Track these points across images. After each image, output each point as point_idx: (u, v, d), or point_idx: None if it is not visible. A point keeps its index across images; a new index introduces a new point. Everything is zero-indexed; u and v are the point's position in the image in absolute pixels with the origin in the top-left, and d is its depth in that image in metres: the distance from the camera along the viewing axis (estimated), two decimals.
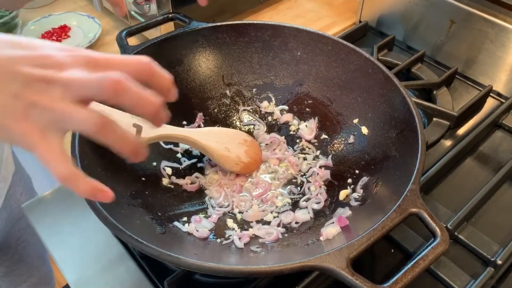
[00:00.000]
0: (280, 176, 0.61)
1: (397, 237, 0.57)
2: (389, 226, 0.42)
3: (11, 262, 0.99)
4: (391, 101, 0.57)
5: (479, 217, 0.60)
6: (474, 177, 0.66)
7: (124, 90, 0.31)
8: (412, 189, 0.45)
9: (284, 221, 0.55)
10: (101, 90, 0.31)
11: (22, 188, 0.94)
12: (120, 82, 0.31)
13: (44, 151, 0.32)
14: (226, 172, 0.61)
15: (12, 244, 0.96)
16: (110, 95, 0.31)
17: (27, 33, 0.91)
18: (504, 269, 0.55)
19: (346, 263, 0.39)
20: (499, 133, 0.72)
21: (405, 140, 0.53)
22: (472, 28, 0.77)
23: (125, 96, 0.32)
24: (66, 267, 0.56)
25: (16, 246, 0.98)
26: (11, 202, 0.90)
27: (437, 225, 0.41)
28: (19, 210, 0.93)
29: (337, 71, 0.64)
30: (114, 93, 0.31)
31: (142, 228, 0.48)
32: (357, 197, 0.55)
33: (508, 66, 0.76)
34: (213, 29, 0.66)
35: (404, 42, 0.89)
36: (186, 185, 0.59)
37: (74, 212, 0.61)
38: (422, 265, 0.39)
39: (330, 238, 0.48)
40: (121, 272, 0.55)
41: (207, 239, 0.52)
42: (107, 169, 0.52)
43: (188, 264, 0.39)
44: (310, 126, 0.65)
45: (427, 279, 0.54)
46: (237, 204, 0.58)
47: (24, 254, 1.01)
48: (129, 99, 0.32)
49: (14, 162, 0.91)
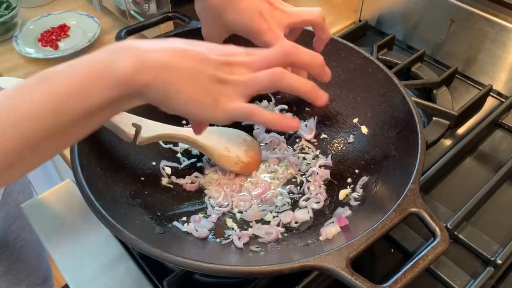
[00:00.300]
0: (279, 175, 0.61)
1: (397, 236, 0.57)
2: (388, 225, 0.42)
3: (9, 261, 0.99)
4: (391, 101, 0.57)
5: (479, 216, 0.60)
6: (474, 176, 0.66)
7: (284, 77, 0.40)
8: (412, 189, 0.44)
9: (283, 221, 0.55)
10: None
11: (20, 186, 0.94)
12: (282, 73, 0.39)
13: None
14: (226, 172, 0.61)
15: (10, 243, 0.96)
16: (277, 78, 0.39)
17: (26, 32, 0.90)
18: (504, 268, 0.55)
19: (346, 263, 0.39)
20: (499, 133, 0.72)
21: (405, 139, 0.53)
22: (472, 28, 0.77)
23: (284, 82, 0.40)
24: (65, 267, 0.56)
25: (14, 245, 0.98)
26: (8, 201, 0.90)
27: (437, 225, 0.41)
28: (17, 209, 0.93)
29: (336, 70, 0.63)
30: (279, 80, 0.39)
31: (141, 228, 0.48)
32: (356, 196, 0.54)
33: (508, 66, 0.76)
34: None
35: (404, 41, 0.89)
36: (186, 185, 0.59)
37: (73, 212, 0.61)
38: (422, 265, 0.39)
39: (329, 238, 0.48)
40: (121, 272, 0.55)
41: (206, 239, 0.52)
42: (106, 168, 0.52)
43: (187, 264, 0.39)
44: (309, 126, 0.65)
45: (427, 279, 0.54)
46: (237, 204, 0.58)
47: (22, 253, 1.01)
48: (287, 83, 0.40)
49: None
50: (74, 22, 0.94)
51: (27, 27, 0.92)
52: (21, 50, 0.86)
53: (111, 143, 0.55)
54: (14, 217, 0.94)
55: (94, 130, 0.38)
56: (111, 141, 0.55)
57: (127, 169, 0.55)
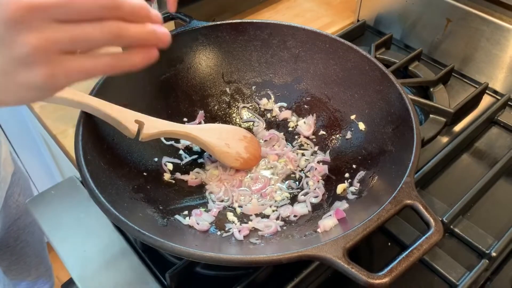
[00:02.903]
0: (279, 171, 0.62)
1: (394, 230, 0.58)
2: (384, 217, 0.43)
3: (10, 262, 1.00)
4: (388, 97, 0.58)
5: (474, 211, 0.61)
6: (470, 172, 0.67)
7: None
8: (407, 182, 0.46)
9: (282, 215, 0.56)
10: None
11: (20, 188, 0.95)
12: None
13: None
14: (226, 168, 0.62)
15: (10, 244, 0.97)
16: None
17: None
18: (498, 261, 0.56)
19: (343, 253, 0.40)
20: (494, 130, 0.74)
21: (401, 135, 0.54)
22: (468, 27, 0.79)
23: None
24: (69, 262, 0.57)
25: (14, 246, 0.98)
26: (9, 203, 0.91)
27: (431, 216, 0.42)
28: (17, 210, 0.94)
29: (334, 68, 0.65)
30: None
31: (144, 220, 0.49)
32: (354, 190, 0.56)
33: (504, 64, 0.77)
34: (213, 28, 0.67)
35: (401, 40, 0.91)
36: (190, 180, 0.60)
37: (77, 207, 0.62)
38: (417, 254, 0.40)
39: (327, 230, 0.49)
40: (124, 265, 0.56)
41: (207, 232, 0.53)
42: (109, 163, 0.53)
43: (189, 254, 0.41)
44: (308, 123, 0.67)
45: (423, 271, 0.55)
46: (237, 199, 0.59)
47: (22, 254, 1.01)
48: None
49: (13, 162, 0.92)
50: None
51: None
52: None
53: (114, 139, 0.56)
54: (14, 218, 0.94)
55: None
56: (114, 137, 0.56)
57: (130, 165, 0.57)
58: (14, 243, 0.98)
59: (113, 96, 0.55)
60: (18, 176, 0.93)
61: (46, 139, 1.05)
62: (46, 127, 0.76)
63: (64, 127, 0.75)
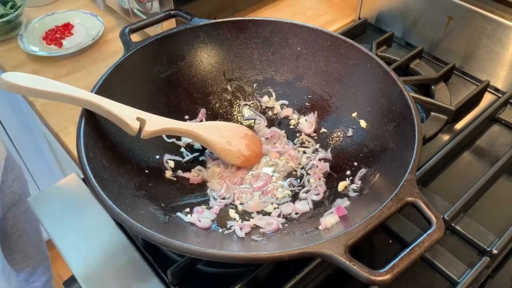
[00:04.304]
0: (280, 169, 0.63)
1: (395, 228, 0.58)
2: (385, 214, 0.43)
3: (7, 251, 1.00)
4: (389, 95, 0.58)
5: (476, 208, 0.62)
6: (471, 170, 0.67)
7: None
8: (409, 179, 0.46)
9: (284, 212, 0.56)
10: None
11: (14, 174, 0.95)
12: None
13: None
14: (228, 165, 0.62)
15: (8, 231, 0.97)
16: None
17: (31, 30, 0.92)
18: (500, 259, 0.56)
19: (344, 250, 0.40)
20: (496, 127, 0.74)
21: (402, 132, 0.54)
22: (469, 24, 0.78)
23: None
24: (71, 259, 0.57)
25: (11, 234, 0.98)
26: (3, 188, 0.91)
27: (433, 213, 0.42)
28: (13, 196, 0.94)
29: (336, 66, 0.65)
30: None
31: (146, 217, 0.49)
32: (355, 188, 0.56)
33: (505, 62, 0.77)
34: (214, 26, 0.67)
35: (402, 38, 0.91)
36: (192, 178, 0.60)
37: (79, 204, 0.62)
38: (418, 251, 0.40)
39: (328, 227, 0.49)
40: (125, 263, 0.56)
41: (209, 229, 0.53)
42: (111, 161, 0.53)
43: (191, 251, 0.41)
44: (309, 120, 0.67)
45: (424, 269, 0.55)
46: (238, 196, 0.59)
47: (19, 243, 1.02)
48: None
49: (5, 148, 0.92)
50: (78, 21, 0.96)
51: (32, 26, 0.93)
52: (26, 48, 0.88)
53: (116, 136, 0.56)
54: (10, 204, 0.95)
55: None
56: (116, 134, 0.56)
57: (132, 162, 0.57)
58: (12, 231, 0.98)
59: (114, 93, 0.55)
60: (10, 162, 0.94)
61: (48, 137, 1.06)
62: (48, 124, 0.76)
63: (66, 124, 0.75)
